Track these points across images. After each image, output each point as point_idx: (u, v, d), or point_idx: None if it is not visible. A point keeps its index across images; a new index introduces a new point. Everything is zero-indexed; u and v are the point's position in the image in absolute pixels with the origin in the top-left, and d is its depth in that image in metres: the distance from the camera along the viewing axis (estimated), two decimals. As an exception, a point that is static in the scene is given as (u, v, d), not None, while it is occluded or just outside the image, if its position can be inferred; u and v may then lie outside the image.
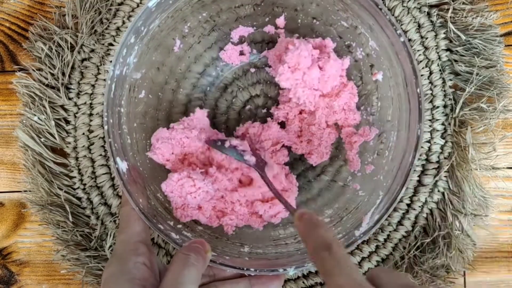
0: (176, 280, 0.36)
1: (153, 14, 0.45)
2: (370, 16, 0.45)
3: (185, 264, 0.37)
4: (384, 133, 0.50)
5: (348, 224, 0.47)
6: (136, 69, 0.47)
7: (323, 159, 0.53)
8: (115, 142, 0.43)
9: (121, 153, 0.44)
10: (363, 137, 0.51)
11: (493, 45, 0.53)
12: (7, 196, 0.57)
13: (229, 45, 0.54)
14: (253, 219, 0.50)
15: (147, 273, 0.39)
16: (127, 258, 0.39)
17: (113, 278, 0.38)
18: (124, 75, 0.45)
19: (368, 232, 0.44)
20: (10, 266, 0.57)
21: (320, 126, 0.52)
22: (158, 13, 0.45)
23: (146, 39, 0.46)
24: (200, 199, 0.47)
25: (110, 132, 0.43)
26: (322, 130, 0.52)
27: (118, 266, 0.39)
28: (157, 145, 0.48)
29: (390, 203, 0.44)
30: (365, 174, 0.51)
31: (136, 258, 0.39)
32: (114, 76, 0.44)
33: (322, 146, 0.52)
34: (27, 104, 0.54)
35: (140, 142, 0.48)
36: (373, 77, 0.50)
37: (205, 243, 0.41)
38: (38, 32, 0.55)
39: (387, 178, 0.46)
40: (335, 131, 0.52)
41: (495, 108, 0.52)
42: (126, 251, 0.40)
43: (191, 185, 0.46)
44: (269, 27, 0.53)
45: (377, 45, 0.48)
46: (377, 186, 0.47)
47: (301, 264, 0.43)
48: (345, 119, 0.52)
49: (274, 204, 0.49)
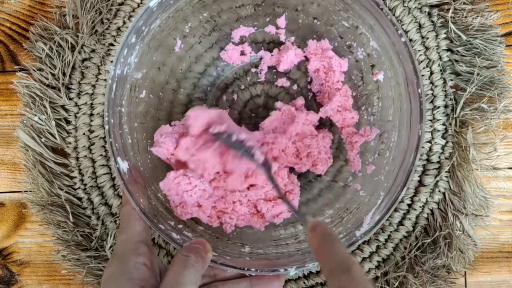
0: (175, 281, 0.36)
1: (154, 14, 0.45)
2: (371, 16, 0.45)
3: (185, 266, 0.37)
4: (385, 133, 0.50)
5: (349, 224, 0.47)
6: (137, 69, 0.47)
7: (328, 164, 0.52)
8: (116, 142, 0.44)
9: (122, 153, 0.44)
10: (363, 137, 0.51)
11: (494, 45, 0.53)
12: (8, 196, 0.57)
13: (230, 45, 0.53)
14: (254, 219, 0.50)
15: (147, 273, 0.39)
16: (127, 258, 0.39)
17: (113, 278, 0.38)
18: (125, 75, 0.45)
19: (369, 232, 0.44)
20: (11, 266, 0.57)
21: (312, 133, 0.51)
22: (159, 13, 0.45)
23: (147, 39, 0.46)
24: (197, 197, 0.47)
25: (111, 132, 0.43)
26: (315, 137, 0.51)
27: (118, 266, 0.39)
28: (161, 140, 0.47)
29: (391, 203, 0.44)
30: (366, 174, 0.50)
31: (137, 258, 0.39)
32: (115, 76, 0.44)
33: (322, 152, 0.51)
34: (28, 104, 0.54)
35: (141, 142, 0.48)
36: (374, 77, 0.50)
37: (205, 243, 0.41)
38: (38, 32, 0.55)
39: (388, 178, 0.46)
40: (327, 133, 0.52)
41: (496, 108, 0.52)
42: (126, 251, 0.40)
43: (187, 183, 0.46)
44: (270, 27, 0.53)
45: (378, 45, 0.48)
46: (378, 186, 0.47)
47: (302, 264, 0.43)
48: (343, 119, 0.51)
49: (277, 203, 0.49)
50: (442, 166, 0.54)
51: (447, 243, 0.52)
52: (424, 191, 0.54)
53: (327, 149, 0.52)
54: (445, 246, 0.52)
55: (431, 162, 0.54)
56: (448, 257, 0.52)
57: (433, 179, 0.54)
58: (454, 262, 0.53)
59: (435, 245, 0.53)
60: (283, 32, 0.53)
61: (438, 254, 0.52)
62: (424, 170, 0.55)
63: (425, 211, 0.54)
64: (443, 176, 0.54)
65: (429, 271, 0.53)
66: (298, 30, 0.53)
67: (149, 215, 0.43)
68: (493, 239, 0.56)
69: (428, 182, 0.54)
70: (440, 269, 0.53)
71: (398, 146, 0.47)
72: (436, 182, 0.54)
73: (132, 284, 0.37)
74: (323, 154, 0.51)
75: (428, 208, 0.54)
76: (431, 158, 0.54)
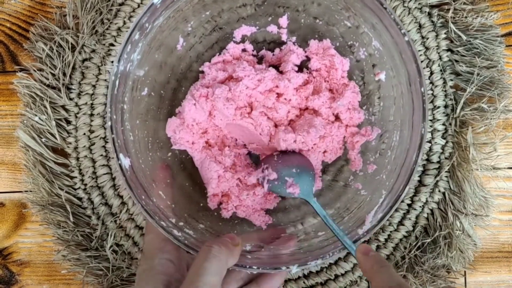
0: (196, 273, 0.37)
1: (158, 11, 0.45)
2: (374, 15, 0.45)
3: (207, 257, 0.37)
4: (387, 132, 0.50)
5: (350, 223, 0.47)
6: (139, 66, 0.47)
7: (337, 154, 0.52)
8: (118, 138, 0.44)
9: (124, 150, 0.44)
10: (365, 137, 0.51)
11: (494, 46, 0.53)
12: (8, 196, 0.57)
13: (231, 44, 0.53)
14: (255, 216, 0.51)
15: (172, 269, 0.42)
16: (154, 255, 0.43)
17: (142, 275, 0.42)
18: (127, 72, 0.45)
19: (372, 230, 0.44)
20: (11, 266, 0.57)
21: (328, 119, 0.51)
22: (163, 10, 0.45)
23: (150, 37, 0.46)
24: None
25: (113, 128, 0.43)
26: (330, 123, 0.51)
27: (146, 263, 0.43)
28: (178, 136, 0.50)
29: (393, 202, 0.44)
30: (367, 174, 0.50)
31: (162, 255, 0.42)
32: (118, 72, 0.44)
33: (334, 141, 0.51)
34: (28, 104, 0.54)
35: (142, 140, 0.48)
36: (375, 77, 0.50)
37: (234, 236, 0.41)
38: (39, 32, 0.55)
39: (390, 177, 0.46)
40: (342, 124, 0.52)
41: (496, 108, 0.52)
42: (152, 249, 0.44)
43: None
44: (272, 26, 0.53)
45: (380, 44, 0.48)
46: (380, 185, 0.47)
47: (304, 262, 0.43)
48: (350, 118, 0.51)
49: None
50: (442, 166, 0.54)
51: (447, 243, 0.53)
52: (424, 191, 0.54)
53: (340, 139, 0.52)
54: (445, 246, 0.52)
55: (431, 162, 0.54)
56: (448, 257, 0.52)
57: (433, 179, 0.54)
58: (454, 262, 0.53)
59: (435, 245, 0.53)
60: (284, 32, 0.53)
61: (438, 254, 0.52)
62: (424, 170, 0.55)
63: (425, 211, 0.55)
64: (443, 176, 0.54)
65: (429, 271, 0.53)
66: (299, 30, 0.53)
67: (151, 212, 0.43)
68: (493, 239, 0.56)
69: (428, 182, 0.54)
70: (440, 269, 0.53)
71: (400, 145, 0.47)
72: (436, 182, 0.54)
73: (157, 279, 0.40)
74: (335, 143, 0.52)
75: (428, 208, 0.55)
76: (431, 158, 0.54)
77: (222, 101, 0.48)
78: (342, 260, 0.55)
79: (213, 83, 0.51)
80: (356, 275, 0.55)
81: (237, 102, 0.49)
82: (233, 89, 0.49)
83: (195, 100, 0.49)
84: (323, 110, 0.51)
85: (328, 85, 0.52)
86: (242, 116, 0.50)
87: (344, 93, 0.50)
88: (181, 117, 0.50)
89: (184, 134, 0.50)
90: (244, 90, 0.49)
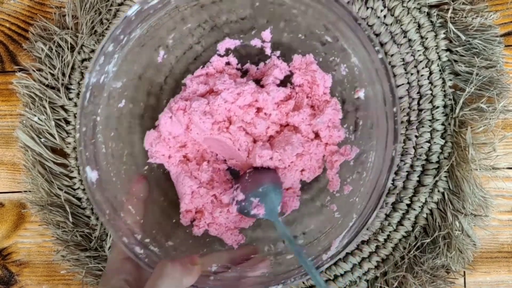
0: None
1: (133, 23, 0.44)
2: (350, 30, 0.44)
3: (160, 275, 0.38)
4: (364, 152, 0.48)
5: (319, 247, 0.45)
6: (116, 78, 0.46)
7: (316, 174, 0.51)
8: (86, 150, 0.43)
9: (92, 162, 0.43)
10: (344, 156, 0.49)
11: (493, 45, 0.53)
12: (7, 196, 0.57)
13: (215, 57, 0.52)
14: (227, 234, 0.50)
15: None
16: (111, 276, 0.42)
17: None
18: (102, 83, 0.44)
19: (336, 256, 0.43)
20: (10, 267, 0.57)
21: (308, 137, 0.50)
22: (139, 22, 0.44)
23: (127, 49, 0.45)
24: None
25: (82, 140, 0.43)
26: (309, 141, 0.50)
27: (104, 284, 0.42)
28: (154, 149, 0.48)
29: (361, 226, 0.43)
30: (343, 195, 0.49)
31: (120, 275, 0.41)
32: (90, 84, 0.43)
33: (313, 160, 0.50)
34: (27, 104, 0.54)
35: (116, 153, 0.47)
36: (355, 94, 0.49)
37: (194, 257, 0.41)
38: (38, 32, 0.55)
39: (362, 200, 0.45)
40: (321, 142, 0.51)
41: (495, 108, 0.52)
42: (111, 269, 0.43)
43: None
44: (256, 40, 0.52)
45: (359, 61, 0.46)
46: (352, 208, 0.46)
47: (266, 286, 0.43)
48: (329, 136, 0.50)
49: None
50: (441, 166, 0.54)
51: (446, 243, 0.53)
52: (423, 191, 0.54)
53: (319, 157, 0.51)
54: (444, 246, 0.52)
55: (430, 162, 0.54)
56: (447, 257, 0.52)
57: (432, 179, 0.54)
58: (453, 262, 0.53)
59: (434, 245, 0.53)
60: (268, 46, 0.52)
61: (437, 254, 0.52)
62: (423, 170, 0.55)
63: (424, 211, 0.55)
64: (442, 176, 0.54)
65: (428, 271, 0.53)
66: (282, 45, 0.52)
67: (114, 226, 0.43)
68: (492, 239, 0.56)
69: (427, 182, 0.54)
70: (439, 269, 0.53)
71: (375, 166, 0.45)
72: (435, 182, 0.54)
73: None
74: (314, 162, 0.50)
75: (427, 208, 0.55)
76: (430, 158, 0.54)
77: (199, 115, 0.47)
78: (342, 261, 0.55)
79: (192, 96, 0.49)
80: (356, 276, 0.55)
81: (215, 116, 0.48)
82: (211, 102, 0.48)
83: (172, 113, 0.48)
84: (302, 126, 0.50)
85: (310, 101, 0.51)
86: (220, 130, 0.49)
87: (324, 110, 0.49)
88: (158, 130, 0.49)
89: (160, 148, 0.49)
90: (222, 104, 0.48)
